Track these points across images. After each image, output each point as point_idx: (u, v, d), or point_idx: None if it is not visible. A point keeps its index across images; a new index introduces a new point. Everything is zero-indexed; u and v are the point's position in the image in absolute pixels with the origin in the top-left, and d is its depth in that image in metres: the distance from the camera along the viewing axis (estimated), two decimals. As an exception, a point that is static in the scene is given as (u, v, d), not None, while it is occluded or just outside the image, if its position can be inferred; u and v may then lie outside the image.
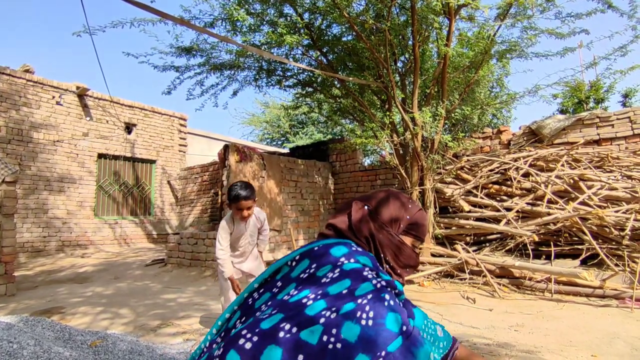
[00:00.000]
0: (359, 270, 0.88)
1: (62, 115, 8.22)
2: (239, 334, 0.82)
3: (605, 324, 2.90)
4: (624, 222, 4.22)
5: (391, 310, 0.81)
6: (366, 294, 0.83)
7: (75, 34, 4.71)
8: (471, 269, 4.42)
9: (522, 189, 5.27)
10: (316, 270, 0.91)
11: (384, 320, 0.79)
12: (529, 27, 5.11)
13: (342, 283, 0.85)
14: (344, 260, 0.91)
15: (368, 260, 0.93)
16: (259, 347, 0.78)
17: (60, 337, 1.98)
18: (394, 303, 0.84)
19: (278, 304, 0.88)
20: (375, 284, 0.86)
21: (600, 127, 5.63)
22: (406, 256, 1.06)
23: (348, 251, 0.94)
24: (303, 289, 0.88)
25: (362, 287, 0.84)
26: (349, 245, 0.97)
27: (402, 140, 5.46)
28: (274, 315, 0.84)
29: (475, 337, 2.65)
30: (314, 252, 0.97)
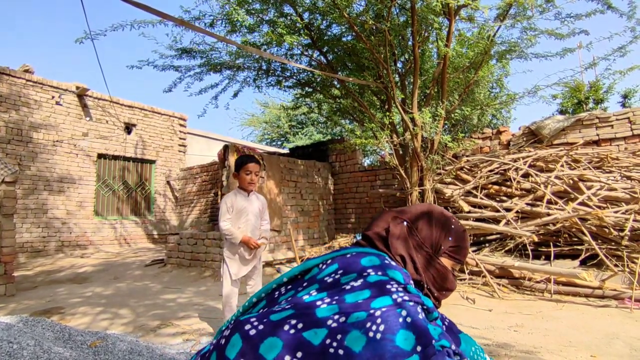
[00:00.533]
0: (383, 283, 0.85)
1: (62, 115, 8.22)
2: (248, 320, 0.84)
3: (604, 324, 2.91)
4: (623, 222, 4.22)
5: (405, 328, 0.77)
6: (382, 307, 0.79)
7: (77, 41, 4.70)
8: (471, 270, 4.42)
9: (521, 190, 5.28)
10: (341, 276, 0.89)
11: (394, 336, 0.75)
12: (529, 27, 5.12)
13: (361, 293, 0.83)
14: (371, 271, 0.88)
15: (399, 275, 0.89)
16: (262, 336, 0.79)
17: (60, 337, 1.98)
18: (411, 320, 0.78)
19: (294, 300, 0.87)
20: (396, 298, 0.82)
21: (599, 128, 5.64)
22: (445, 280, 1.01)
23: (379, 263, 0.91)
24: (322, 291, 0.87)
25: (380, 300, 0.81)
26: (382, 257, 0.94)
27: (402, 141, 5.46)
28: (286, 310, 0.84)
29: (475, 337, 2.65)
30: (344, 258, 0.94)
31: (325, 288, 0.88)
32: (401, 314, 0.78)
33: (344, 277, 0.88)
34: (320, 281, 0.91)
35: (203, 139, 12.00)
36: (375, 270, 0.88)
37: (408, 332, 0.76)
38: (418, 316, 0.80)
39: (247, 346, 0.79)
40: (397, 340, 0.75)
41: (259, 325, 0.82)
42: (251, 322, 0.83)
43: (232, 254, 2.83)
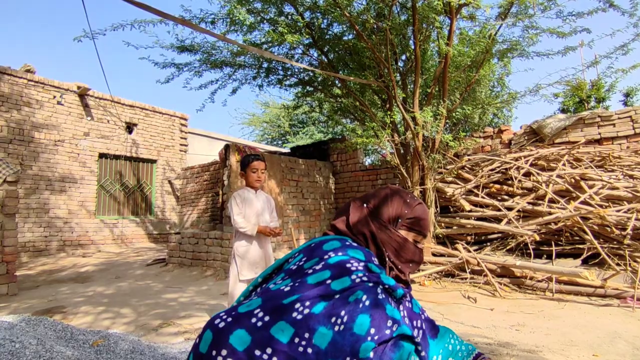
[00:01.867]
0: (343, 262, 0.88)
1: (63, 115, 8.23)
2: (218, 315, 0.86)
3: (606, 323, 2.90)
4: (626, 221, 4.21)
5: (363, 312, 0.79)
6: (342, 291, 0.82)
7: (76, 39, 4.70)
8: (472, 269, 4.41)
9: (523, 189, 5.27)
10: (304, 262, 0.93)
11: (353, 323, 0.78)
12: (530, 26, 5.11)
13: (322, 274, 0.86)
14: (332, 254, 0.92)
15: (360, 254, 0.93)
16: (230, 327, 0.81)
17: (62, 336, 1.99)
18: (370, 302, 0.81)
19: (262, 291, 0.91)
20: (354, 279, 0.84)
21: (601, 127, 5.62)
22: (408, 252, 1.04)
23: (340, 245, 0.94)
24: (287, 279, 0.90)
25: (339, 281, 0.84)
26: (343, 240, 0.98)
27: (403, 140, 5.45)
28: (253, 300, 0.86)
29: (477, 336, 2.65)
30: (309, 248, 0.98)
31: (289, 275, 0.91)
32: (361, 298, 0.81)
33: (306, 263, 0.92)
34: (286, 270, 0.95)
35: (204, 138, 12.00)
36: (336, 252, 0.92)
37: (365, 316, 0.78)
38: (378, 297, 0.82)
39: (217, 338, 0.81)
40: (355, 327, 0.78)
41: (228, 318, 0.83)
42: (220, 316, 0.85)
43: (244, 253, 2.83)
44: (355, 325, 0.78)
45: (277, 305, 0.82)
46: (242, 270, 2.81)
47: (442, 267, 4.62)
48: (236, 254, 2.84)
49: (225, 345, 0.79)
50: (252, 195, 2.92)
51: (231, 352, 0.78)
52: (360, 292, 0.82)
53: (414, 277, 4.56)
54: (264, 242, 2.94)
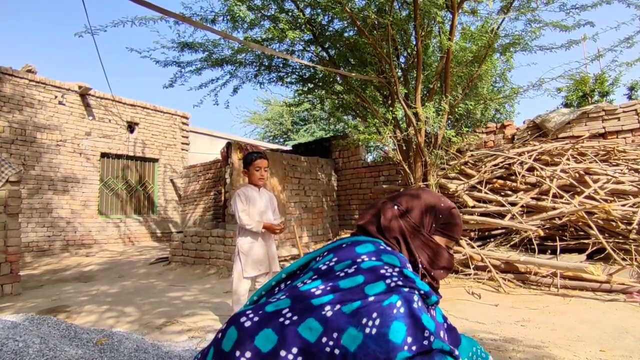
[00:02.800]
0: (377, 268, 0.84)
1: (65, 115, 8.24)
2: (244, 312, 0.83)
3: (613, 318, 2.88)
4: (631, 215, 4.17)
5: (398, 318, 0.75)
6: (377, 295, 0.78)
7: (77, 35, 4.70)
8: (476, 264, 4.39)
9: (526, 184, 5.23)
10: (335, 264, 0.89)
11: (387, 329, 0.74)
12: (533, 19, 5.06)
13: (355, 279, 0.82)
14: (365, 258, 0.88)
15: (395, 259, 0.88)
16: (257, 328, 0.79)
17: (66, 335, 1.98)
18: (405, 309, 0.76)
19: (289, 289, 0.87)
20: (389, 283, 0.80)
21: (605, 120, 5.57)
22: (442, 259, 1.00)
23: (374, 249, 0.90)
24: (317, 279, 0.86)
25: (374, 285, 0.80)
26: (377, 244, 0.93)
27: (405, 136, 5.42)
28: (282, 300, 0.83)
29: (482, 332, 2.63)
30: (340, 249, 0.94)
31: (319, 276, 0.87)
32: (395, 304, 0.77)
33: (337, 264, 0.88)
34: (315, 270, 0.91)
35: (206, 137, 12.00)
36: (370, 256, 0.88)
37: (401, 323, 0.74)
38: (413, 305, 0.78)
39: (242, 337, 0.78)
40: (390, 333, 0.73)
41: (254, 317, 0.81)
42: (247, 314, 0.83)
43: (248, 250, 2.83)
44: (390, 332, 0.73)
45: (307, 305, 0.80)
46: (246, 268, 2.80)
47: (445, 264, 4.60)
48: (240, 251, 2.84)
49: (249, 347, 0.77)
50: (255, 193, 2.92)
51: (256, 354, 0.76)
52: (395, 297, 0.78)
53: (418, 274, 4.54)
54: (268, 240, 2.94)
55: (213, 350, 0.82)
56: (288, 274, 0.99)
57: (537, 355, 2.18)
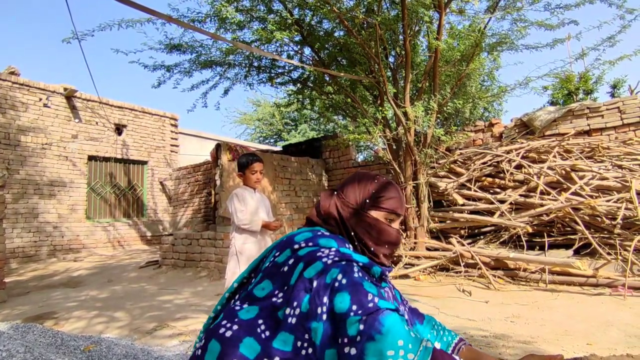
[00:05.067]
0: (313, 252, 0.86)
1: (50, 117, 8.09)
2: (220, 324, 0.83)
3: (599, 312, 2.93)
4: (615, 211, 4.26)
5: (340, 291, 0.78)
6: (317, 275, 0.80)
7: (64, 41, 4.62)
8: (466, 262, 4.44)
9: (515, 181, 5.31)
10: (278, 257, 0.91)
11: (333, 304, 0.77)
12: (519, 19, 5.13)
13: (297, 269, 0.85)
14: (303, 244, 0.90)
15: (331, 242, 0.91)
16: (239, 336, 0.79)
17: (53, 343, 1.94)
18: (346, 280, 0.79)
19: (250, 296, 0.88)
20: (326, 261, 0.83)
21: (590, 118, 5.68)
22: (382, 233, 0.99)
23: (311, 235, 0.93)
24: (269, 280, 0.88)
25: (312, 267, 0.83)
26: (315, 231, 0.96)
27: (395, 135, 5.45)
28: (251, 308, 0.85)
29: (472, 329, 2.66)
30: (282, 242, 0.96)
31: (267, 275, 0.89)
32: (336, 277, 0.79)
33: (279, 257, 0.90)
34: (263, 270, 0.93)
35: (195, 138, 11.90)
36: (307, 242, 0.90)
37: (344, 294, 0.77)
38: (353, 275, 0.81)
39: (225, 348, 0.78)
40: (335, 308, 0.76)
41: (233, 326, 0.82)
42: (223, 324, 0.83)
43: (245, 249, 2.82)
44: (335, 305, 0.76)
45: (275, 320, 0.81)
46: (242, 267, 2.80)
47: (436, 262, 4.64)
48: (237, 250, 2.83)
49: (235, 355, 0.77)
50: (251, 194, 2.96)
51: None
52: (335, 270, 0.81)
53: (409, 272, 4.57)
54: (263, 240, 2.94)
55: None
56: (239, 283, 1.00)
57: (527, 350, 2.21)
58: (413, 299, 3.58)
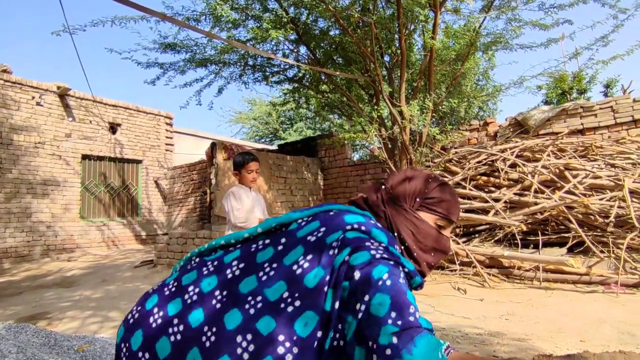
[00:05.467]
0: (362, 240, 0.78)
1: (43, 116, 8.01)
2: (245, 297, 0.79)
3: (592, 309, 2.96)
4: (608, 209, 4.30)
5: (381, 292, 0.70)
6: (360, 267, 0.73)
7: (54, 34, 4.58)
8: (461, 260, 4.46)
9: (509, 180, 5.34)
10: (325, 235, 0.81)
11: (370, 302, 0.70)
12: (513, 18, 5.16)
13: (342, 254, 0.77)
14: (356, 226, 0.81)
15: (383, 237, 0.81)
16: (259, 314, 0.76)
17: (46, 343, 1.93)
18: (390, 283, 0.72)
19: (285, 274, 0.79)
20: (374, 254, 0.75)
21: (583, 117, 5.72)
22: (428, 237, 0.89)
23: (364, 221, 0.83)
24: (313, 259, 0.78)
25: (358, 255, 0.75)
26: (368, 217, 0.87)
27: (391, 134, 5.46)
28: (279, 286, 0.78)
29: (467, 327, 2.68)
30: (327, 216, 0.86)
31: (313, 253, 0.80)
32: (382, 276, 0.72)
33: (328, 236, 0.80)
34: (303, 241, 0.83)
35: (190, 137, 11.85)
36: (359, 225, 0.82)
37: (385, 296, 0.70)
38: (399, 279, 0.73)
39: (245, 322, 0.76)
40: (371, 307, 0.69)
41: (257, 304, 0.77)
42: (248, 300, 0.78)
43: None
44: (372, 305, 0.69)
45: (304, 291, 0.75)
46: None
47: (431, 260, 4.65)
48: None
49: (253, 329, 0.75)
50: (247, 193, 2.97)
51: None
52: (383, 268, 0.73)
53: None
54: None
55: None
56: (265, 230, 0.91)
57: (521, 347, 2.23)
58: (408, 297, 3.59)
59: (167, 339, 0.80)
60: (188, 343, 0.78)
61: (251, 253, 0.87)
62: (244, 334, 0.75)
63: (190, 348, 0.77)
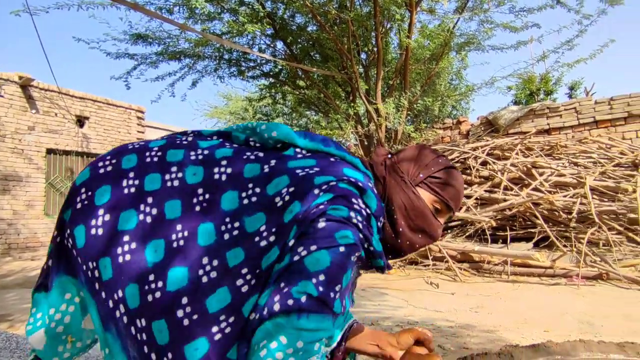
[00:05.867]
0: (351, 195, 0.72)
1: (4, 107, 7.56)
2: (224, 216, 0.72)
3: (555, 301, 3.11)
4: (571, 206, 4.52)
5: (326, 250, 0.65)
6: (333, 218, 0.67)
7: (13, 13, 4.32)
8: (434, 255, 4.57)
9: (480, 177, 5.51)
10: (316, 175, 0.74)
11: (308, 251, 0.65)
12: (486, 20, 5.31)
13: (323, 197, 0.70)
14: (352, 180, 0.74)
15: (374, 201, 0.76)
16: (233, 244, 0.70)
17: (7, 347, 1.83)
18: (343, 250, 0.66)
19: (267, 204, 0.73)
20: (352, 216, 0.69)
21: (549, 118, 5.98)
22: (419, 214, 0.82)
23: (363, 179, 0.77)
24: (295, 194, 0.72)
25: (338, 207, 0.69)
26: (368, 177, 0.80)
27: (367, 131, 5.52)
28: (259, 217, 0.72)
29: (439, 320, 2.75)
30: (326, 160, 0.79)
31: (294, 183, 0.73)
32: (339, 240, 0.66)
33: (318, 177, 0.73)
34: (291, 172, 0.75)
35: (163, 132, 11.53)
36: (357, 181, 0.75)
37: (327, 258, 0.65)
38: (351, 256, 0.68)
39: (217, 244, 0.70)
40: (310, 256, 0.64)
41: (227, 233, 0.71)
42: (225, 224, 0.72)
43: None
44: (311, 256, 0.64)
45: (281, 229, 0.69)
46: None
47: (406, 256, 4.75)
48: None
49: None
50: None
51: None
52: (347, 232, 0.67)
53: (380, 266, 4.65)
54: None
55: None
56: (262, 141, 0.85)
57: (490, 339, 2.31)
58: (383, 292, 3.65)
59: (136, 214, 0.75)
60: (155, 228, 0.74)
61: (242, 160, 0.80)
62: (210, 259, 0.70)
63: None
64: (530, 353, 1.92)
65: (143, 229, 0.73)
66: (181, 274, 0.69)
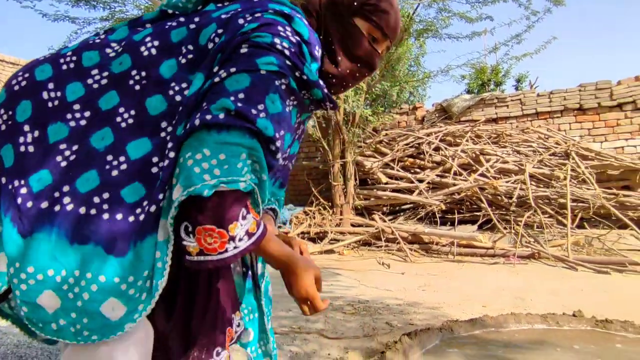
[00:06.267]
0: (277, 23, 0.72)
1: None
2: (168, 83, 0.72)
3: (494, 279, 3.35)
4: (512, 191, 4.85)
5: (247, 72, 0.66)
6: (255, 44, 0.68)
7: None
8: (387, 237, 4.73)
9: (433, 162, 5.73)
10: (240, 11, 0.75)
11: (228, 72, 0.67)
12: (444, 9, 5.41)
13: (248, 27, 0.70)
14: (278, 10, 0.74)
15: (304, 29, 0.75)
16: (178, 110, 0.72)
17: None
18: (269, 79, 0.67)
19: (201, 52, 0.74)
20: (277, 42, 0.68)
21: (498, 107, 6.31)
22: (356, 42, 0.82)
23: (289, 10, 0.76)
24: (223, 33, 0.73)
25: (262, 34, 0.69)
26: (296, 10, 0.79)
27: (325, 114, 5.49)
28: (198, 78, 0.72)
29: (389, 298, 2.86)
30: (250, 1, 0.78)
31: (221, 25, 0.73)
32: (261, 66, 0.67)
33: (243, 12, 0.74)
34: (217, 19, 0.75)
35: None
36: (282, 11, 0.74)
37: (247, 79, 0.66)
38: (276, 81, 0.68)
39: (169, 107, 0.72)
40: (230, 78, 0.67)
41: (174, 93, 0.73)
42: (171, 88, 0.73)
43: None
44: (231, 77, 0.66)
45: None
46: None
47: (360, 237, 4.87)
48: None
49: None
50: None
51: None
52: (271, 59, 0.67)
53: (334, 248, 4.73)
54: None
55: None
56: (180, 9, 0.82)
57: (434, 315, 2.45)
58: (336, 272, 3.73)
59: (64, 124, 0.70)
60: (92, 126, 0.71)
61: (165, 30, 0.77)
62: (127, 109, 0.71)
63: (98, 130, 0.71)
64: (468, 327, 2.06)
65: (78, 131, 0.70)
66: (142, 143, 0.70)
